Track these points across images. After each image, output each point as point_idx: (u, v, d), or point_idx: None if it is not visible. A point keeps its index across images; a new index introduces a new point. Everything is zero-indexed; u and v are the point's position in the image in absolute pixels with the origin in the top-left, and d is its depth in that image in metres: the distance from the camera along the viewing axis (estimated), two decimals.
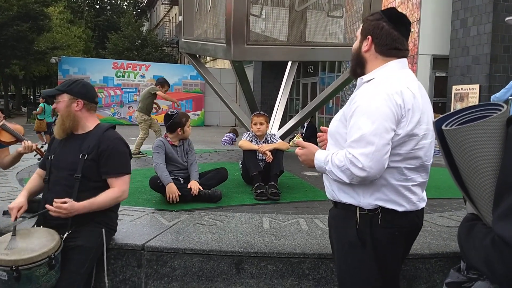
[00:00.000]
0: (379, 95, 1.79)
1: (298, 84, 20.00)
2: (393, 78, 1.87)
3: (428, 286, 2.78)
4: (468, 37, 11.44)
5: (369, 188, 1.85)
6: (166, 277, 2.71)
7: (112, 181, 2.58)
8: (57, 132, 2.62)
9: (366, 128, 1.75)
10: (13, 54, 25.72)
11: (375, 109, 1.77)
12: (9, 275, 2.17)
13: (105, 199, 2.51)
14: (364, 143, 1.74)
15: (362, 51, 1.94)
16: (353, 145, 1.77)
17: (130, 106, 24.03)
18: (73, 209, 2.38)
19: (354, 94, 1.93)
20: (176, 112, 4.18)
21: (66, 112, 2.59)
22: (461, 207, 4.00)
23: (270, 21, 6.01)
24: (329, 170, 1.83)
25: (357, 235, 1.86)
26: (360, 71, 1.99)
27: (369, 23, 1.93)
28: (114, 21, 41.79)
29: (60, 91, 2.62)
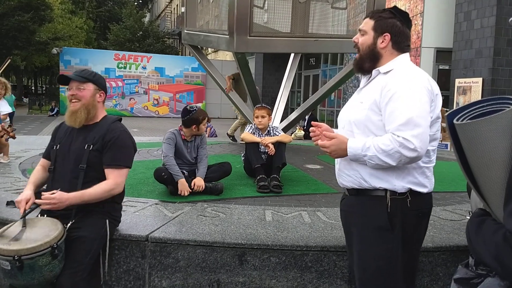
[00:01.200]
0: (414, 81, 1.95)
1: (300, 76, 19.94)
2: (413, 68, 2.05)
3: (431, 279, 2.79)
4: (472, 30, 11.38)
5: (402, 172, 1.98)
6: (169, 268, 2.72)
7: (108, 172, 2.55)
8: (79, 121, 2.58)
9: (412, 111, 1.87)
10: (15, 45, 25.66)
11: (415, 93, 1.91)
12: (11, 264, 2.18)
13: (97, 191, 2.48)
14: (412, 126, 1.85)
15: (379, 47, 2.06)
16: (401, 128, 1.86)
17: (132, 97, 24.01)
18: (62, 198, 2.35)
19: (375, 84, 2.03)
20: (195, 108, 4.07)
21: (91, 102, 2.60)
22: (464, 201, 4.00)
23: (273, 12, 5.97)
24: (372, 156, 1.90)
25: (387, 219, 1.96)
26: (370, 65, 2.09)
27: (385, 21, 2.06)
28: (115, 12, 41.63)
29: (86, 79, 2.61)
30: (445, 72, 12.68)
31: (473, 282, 1.40)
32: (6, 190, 3.72)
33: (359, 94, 2.15)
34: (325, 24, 6.13)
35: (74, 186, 2.48)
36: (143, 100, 24.24)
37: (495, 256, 1.20)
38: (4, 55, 27.92)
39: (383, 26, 2.05)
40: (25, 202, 2.45)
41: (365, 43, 2.09)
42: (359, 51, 2.12)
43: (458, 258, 2.81)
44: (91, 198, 2.48)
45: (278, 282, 2.71)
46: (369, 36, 2.08)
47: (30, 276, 2.22)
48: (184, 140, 4.12)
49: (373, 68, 2.08)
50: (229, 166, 4.31)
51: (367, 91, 2.08)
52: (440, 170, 5.91)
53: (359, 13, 6.18)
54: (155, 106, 24.46)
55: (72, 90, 2.61)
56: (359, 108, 2.06)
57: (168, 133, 4.10)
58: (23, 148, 6.25)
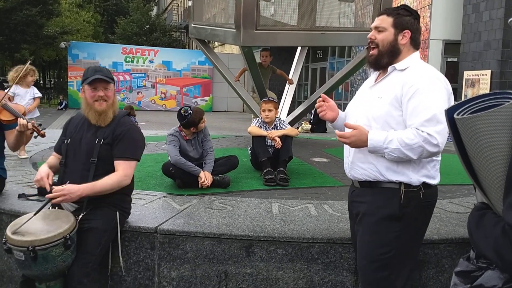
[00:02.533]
0: (435, 80, 2.04)
1: (307, 69, 19.88)
2: (428, 66, 2.14)
3: (437, 271, 2.81)
4: (480, 22, 11.28)
5: (418, 165, 2.07)
6: (178, 259, 2.77)
7: (117, 164, 2.61)
8: (108, 120, 2.65)
9: (436, 108, 1.96)
10: (23, 39, 25.79)
11: (437, 91, 2.00)
12: (26, 255, 2.23)
13: (107, 182, 2.54)
14: (435, 122, 1.94)
15: (400, 43, 2.14)
16: (426, 124, 1.95)
17: (139, 91, 24.08)
18: (72, 190, 2.40)
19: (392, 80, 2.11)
20: (189, 112, 3.96)
21: (115, 101, 2.70)
22: (470, 193, 4.01)
23: (280, 5, 5.96)
24: (394, 149, 1.97)
25: (399, 210, 2.06)
26: (388, 61, 2.15)
27: (404, 18, 2.15)
28: (122, 5, 41.60)
29: (112, 79, 2.68)
30: (453, 64, 12.59)
31: (474, 275, 1.43)
32: (17, 183, 3.79)
33: (374, 89, 2.20)
34: (332, 17, 6.11)
35: (85, 179, 2.54)
36: (150, 93, 24.31)
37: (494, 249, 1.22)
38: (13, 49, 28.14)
39: (403, 23, 2.13)
40: (46, 177, 2.50)
41: (386, 39, 2.14)
42: (378, 47, 2.16)
43: (463, 251, 2.83)
44: (102, 189, 2.53)
45: (285, 274, 2.75)
46: (389, 33, 2.14)
47: (43, 266, 2.28)
48: (187, 140, 4.11)
49: (390, 64, 2.15)
50: (236, 160, 4.33)
51: (383, 87, 2.14)
52: (447, 163, 5.91)
53: (367, 5, 6.15)
54: (162, 100, 24.51)
55: (100, 90, 2.61)
56: (378, 103, 2.12)
57: (170, 136, 4.05)
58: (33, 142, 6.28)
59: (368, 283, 2.15)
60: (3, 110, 3.21)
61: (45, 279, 2.35)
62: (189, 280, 2.77)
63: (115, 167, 2.61)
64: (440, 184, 4.58)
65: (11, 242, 2.26)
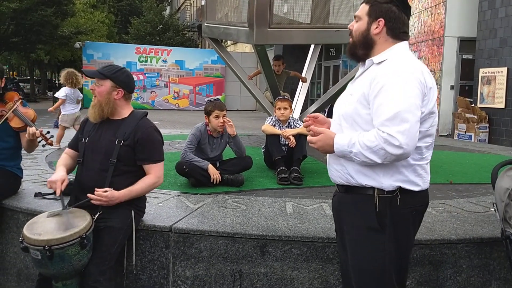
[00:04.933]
0: (404, 74, 1.82)
1: (320, 67, 19.78)
2: (408, 58, 1.91)
3: (454, 271, 2.77)
4: (496, 18, 11.10)
5: (389, 169, 1.87)
6: (192, 258, 2.77)
7: (148, 168, 2.68)
8: (94, 116, 2.66)
9: (399, 105, 1.76)
10: (38, 39, 26.16)
11: (404, 87, 1.80)
12: (42, 254, 2.25)
13: (143, 186, 2.64)
14: (399, 121, 1.74)
15: (372, 33, 1.95)
16: (386, 124, 1.75)
17: (153, 90, 24.23)
18: (113, 197, 2.49)
19: (367, 76, 1.93)
20: (213, 99, 4.06)
21: (106, 99, 2.64)
22: (488, 193, 3.94)
23: (292, 3, 5.93)
24: (357, 152, 1.79)
25: (376, 218, 1.87)
26: (364, 52, 1.99)
27: (380, 5, 1.94)
28: (136, 5, 41.91)
29: (104, 76, 2.64)
30: (469, 61, 12.41)
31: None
32: (34, 182, 3.83)
33: (352, 85, 2.05)
34: (346, 14, 6.05)
35: (102, 179, 2.56)
36: (163, 93, 24.45)
37: None
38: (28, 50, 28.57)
39: (377, 11, 1.94)
40: (61, 182, 2.54)
41: (359, 29, 1.98)
42: (352, 37, 2.01)
43: (482, 250, 2.79)
44: (138, 194, 2.64)
45: (300, 274, 2.73)
46: (363, 22, 1.97)
47: (59, 265, 2.29)
48: (210, 136, 4.10)
49: (366, 56, 1.98)
50: (250, 160, 4.27)
51: (358, 83, 1.99)
52: (464, 162, 5.84)
53: None
54: (175, 99, 24.63)
55: (92, 85, 2.69)
56: (348, 100, 1.97)
57: (194, 129, 4.07)
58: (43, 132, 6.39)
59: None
60: (14, 117, 3.25)
61: (61, 277, 2.36)
62: (203, 279, 2.77)
63: (146, 170, 2.68)
64: (456, 183, 4.53)
65: (28, 241, 2.28)
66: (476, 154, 6.77)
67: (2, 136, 3.28)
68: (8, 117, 3.23)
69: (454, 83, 12.60)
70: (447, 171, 4.97)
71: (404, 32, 1.97)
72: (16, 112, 3.25)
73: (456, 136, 11.62)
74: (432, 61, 12.90)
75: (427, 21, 13.17)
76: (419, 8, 13.60)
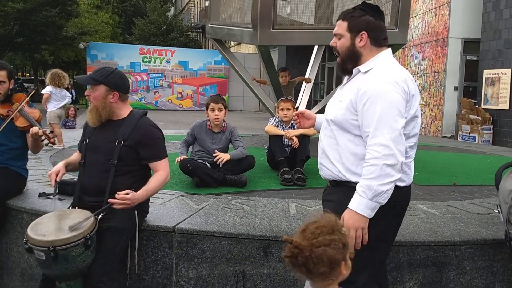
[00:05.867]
0: (390, 83, 1.95)
1: (323, 68, 19.76)
2: (392, 66, 2.05)
3: (458, 273, 2.77)
4: (501, 20, 11.07)
5: None
6: (196, 259, 2.77)
7: (156, 165, 2.70)
8: (92, 121, 2.67)
9: (386, 115, 1.90)
10: (43, 40, 26.23)
11: (389, 96, 1.92)
12: (46, 255, 2.25)
13: (157, 183, 2.66)
14: (388, 130, 1.89)
15: (358, 46, 2.07)
16: (377, 134, 1.90)
17: (156, 91, 24.28)
18: (135, 198, 2.49)
19: (354, 83, 2.06)
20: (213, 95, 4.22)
21: (102, 104, 2.64)
22: (492, 194, 3.93)
23: (296, 4, 5.93)
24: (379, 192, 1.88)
25: None
26: (352, 65, 2.10)
27: (358, 19, 2.06)
28: (140, 6, 41.97)
29: (97, 81, 2.63)
30: (473, 63, 12.37)
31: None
32: (38, 182, 3.85)
33: (341, 91, 2.18)
34: None
35: (104, 180, 2.57)
36: (167, 93, 24.49)
37: None
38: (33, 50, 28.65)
39: (358, 25, 2.05)
40: (55, 175, 2.61)
41: (344, 45, 2.09)
42: (339, 54, 2.12)
43: (485, 252, 2.78)
44: (154, 191, 2.69)
45: None
46: (346, 39, 2.08)
47: (64, 266, 2.30)
48: (210, 130, 4.18)
49: (355, 67, 2.10)
50: (253, 159, 4.31)
51: (346, 89, 2.11)
52: (467, 163, 5.82)
53: (385, 3, 6.09)
54: (179, 100, 24.67)
55: (87, 90, 2.72)
56: (337, 106, 2.10)
57: (195, 122, 4.28)
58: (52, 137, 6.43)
59: None
60: (20, 117, 3.28)
61: (65, 278, 2.37)
62: (206, 280, 2.78)
63: (153, 168, 2.71)
64: (460, 185, 4.52)
65: (32, 242, 2.29)
66: (480, 155, 6.75)
67: (9, 137, 3.32)
68: (14, 116, 3.27)
69: (458, 84, 12.56)
70: (451, 172, 4.96)
71: (385, 38, 2.10)
72: (22, 112, 3.30)
73: (460, 137, 11.58)
74: (436, 62, 12.87)
75: (431, 22, 13.15)
76: (423, 9, 13.57)
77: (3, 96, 3.32)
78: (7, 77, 3.32)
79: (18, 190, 3.43)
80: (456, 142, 9.71)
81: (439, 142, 9.84)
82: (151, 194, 2.70)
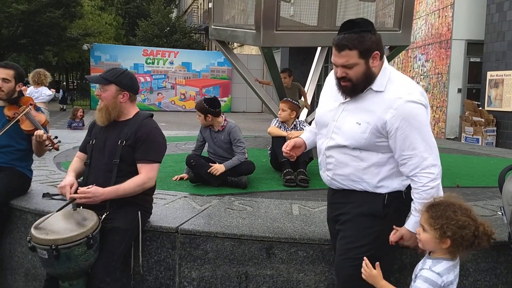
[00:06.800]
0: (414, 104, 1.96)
1: (326, 69, 19.74)
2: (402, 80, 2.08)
3: (461, 275, 2.72)
4: (504, 21, 11.04)
5: (402, 175, 2.08)
6: (199, 260, 2.78)
7: (140, 167, 2.66)
8: (101, 120, 2.69)
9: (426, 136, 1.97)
10: (46, 41, 26.35)
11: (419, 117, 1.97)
12: (49, 253, 2.27)
13: (130, 185, 2.58)
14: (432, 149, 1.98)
15: (372, 67, 2.01)
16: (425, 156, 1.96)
17: (159, 92, 24.35)
18: (97, 193, 2.47)
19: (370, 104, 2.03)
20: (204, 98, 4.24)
21: (112, 103, 2.66)
22: (495, 196, 3.92)
23: (299, 5, 5.94)
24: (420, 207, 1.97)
25: (382, 208, 2.07)
26: (365, 86, 2.04)
27: (366, 43, 1.97)
28: (143, 8, 42.13)
29: (108, 81, 2.66)
30: (476, 64, 12.35)
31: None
32: (42, 182, 3.86)
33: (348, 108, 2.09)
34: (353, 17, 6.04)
35: (108, 180, 2.58)
36: (170, 94, 24.56)
37: None
38: (37, 51, 28.77)
39: (369, 48, 1.97)
40: (70, 187, 2.57)
41: (359, 72, 2.00)
42: (352, 81, 2.02)
43: (488, 254, 2.77)
44: (125, 193, 2.58)
45: (306, 276, 2.73)
46: (360, 66, 1.99)
47: (66, 265, 2.31)
48: (212, 130, 4.23)
49: (367, 87, 2.04)
50: (252, 165, 4.20)
51: (360, 109, 2.05)
52: (471, 165, 5.81)
53: (388, 5, 6.09)
54: (182, 101, 24.74)
55: (98, 90, 2.73)
56: (356, 130, 2.04)
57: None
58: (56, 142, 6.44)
59: (343, 282, 2.13)
60: (25, 120, 3.31)
61: (68, 277, 2.38)
62: (209, 281, 2.78)
63: (138, 169, 2.66)
64: (464, 186, 4.50)
65: (35, 240, 2.30)
66: (483, 157, 6.73)
67: (16, 138, 3.35)
68: (19, 119, 3.29)
69: (462, 86, 12.54)
70: (454, 174, 4.95)
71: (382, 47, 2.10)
72: (28, 115, 3.33)
73: (464, 139, 11.56)
74: (440, 64, 12.85)
75: (435, 24, 13.13)
76: (426, 10, 13.56)
77: (6, 95, 3.33)
78: (13, 77, 3.34)
79: (22, 191, 3.44)
80: (459, 144, 9.68)
81: (442, 144, 9.82)
82: (121, 195, 2.56)
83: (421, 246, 1.93)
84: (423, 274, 1.85)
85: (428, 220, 1.87)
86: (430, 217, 1.86)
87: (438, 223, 1.82)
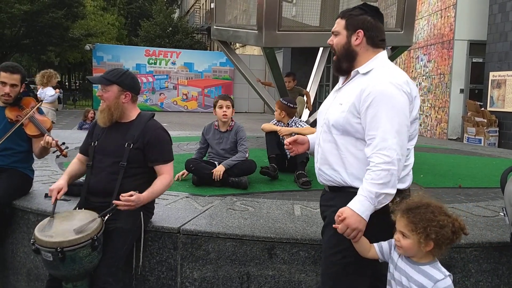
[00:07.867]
0: (394, 85, 1.93)
1: (328, 70, 19.72)
2: (392, 68, 2.03)
3: (463, 275, 2.76)
4: (507, 22, 11.02)
5: None
6: (200, 260, 2.78)
7: (160, 168, 2.71)
8: (103, 121, 2.69)
9: (393, 118, 1.88)
10: (49, 41, 26.40)
11: (395, 98, 1.91)
12: (54, 256, 2.27)
13: (161, 187, 2.68)
14: (396, 134, 1.88)
15: (353, 44, 2.05)
16: (387, 138, 1.87)
17: (162, 92, 24.37)
18: (139, 200, 2.50)
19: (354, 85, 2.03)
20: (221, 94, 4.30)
21: (114, 103, 2.67)
22: (497, 197, 3.92)
23: (301, 6, 5.94)
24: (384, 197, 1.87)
25: None
26: (348, 65, 2.08)
27: (356, 18, 2.05)
28: (146, 8, 42.20)
29: (110, 81, 2.67)
30: (478, 65, 12.33)
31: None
32: (44, 183, 3.87)
33: (338, 93, 2.15)
34: None
35: (112, 182, 2.59)
36: (172, 95, 24.58)
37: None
38: (39, 52, 28.83)
39: (355, 23, 2.04)
40: (57, 192, 2.59)
41: (340, 43, 2.08)
42: (336, 52, 2.10)
43: (490, 255, 2.77)
44: (158, 194, 2.71)
45: (308, 276, 2.73)
46: (342, 36, 2.07)
47: (71, 267, 2.31)
48: (216, 130, 4.22)
49: (351, 68, 2.08)
50: (253, 164, 4.18)
51: (346, 92, 2.07)
52: (473, 166, 5.80)
53: (390, 5, 6.08)
54: (184, 101, 24.76)
55: (99, 91, 2.73)
56: (338, 110, 2.05)
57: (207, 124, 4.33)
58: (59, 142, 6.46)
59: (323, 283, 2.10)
60: (29, 123, 3.29)
61: (71, 279, 2.38)
62: (211, 281, 2.79)
63: (158, 171, 2.72)
64: (466, 187, 4.50)
65: (40, 243, 2.30)
66: (486, 158, 6.72)
67: (16, 141, 3.35)
68: (24, 123, 3.28)
69: (464, 87, 12.52)
70: (456, 175, 4.95)
71: (383, 39, 2.08)
72: (33, 119, 3.30)
73: (466, 139, 11.54)
74: (442, 64, 12.84)
75: (437, 24, 13.11)
76: (428, 11, 13.54)
77: (13, 99, 3.33)
78: (20, 81, 3.34)
79: (24, 191, 3.45)
80: (461, 145, 9.67)
81: (444, 144, 9.81)
82: (155, 197, 2.71)
83: (402, 253, 1.87)
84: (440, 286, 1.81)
85: (408, 225, 1.81)
86: (410, 222, 1.80)
87: (420, 227, 1.77)
